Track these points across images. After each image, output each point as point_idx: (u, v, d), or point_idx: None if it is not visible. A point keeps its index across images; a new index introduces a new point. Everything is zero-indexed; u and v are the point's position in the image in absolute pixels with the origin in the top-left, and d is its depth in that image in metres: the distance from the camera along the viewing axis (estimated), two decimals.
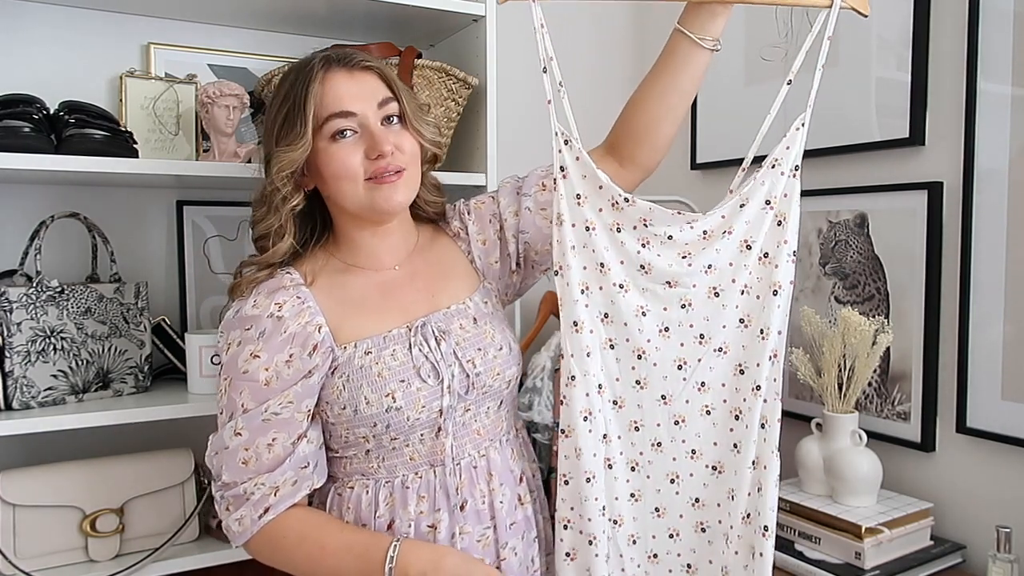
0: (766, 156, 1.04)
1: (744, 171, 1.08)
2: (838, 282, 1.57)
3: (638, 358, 1.04)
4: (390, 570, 0.98)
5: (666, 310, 1.04)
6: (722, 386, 1.05)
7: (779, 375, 1.04)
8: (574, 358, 1.03)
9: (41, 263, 1.33)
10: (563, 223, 1.03)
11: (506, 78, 1.62)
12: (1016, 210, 1.30)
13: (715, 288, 1.04)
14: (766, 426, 1.03)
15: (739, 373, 1.05)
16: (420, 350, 1.07)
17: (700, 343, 1.04)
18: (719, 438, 1.06)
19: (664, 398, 1.05)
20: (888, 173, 1.49)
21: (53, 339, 1.32)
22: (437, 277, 1.16)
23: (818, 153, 1.54)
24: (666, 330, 1.04)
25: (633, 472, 1.07)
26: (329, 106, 1.03)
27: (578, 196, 1.03)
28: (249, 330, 1.03)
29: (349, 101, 1.04)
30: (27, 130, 1.24)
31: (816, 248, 1.60)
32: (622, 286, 1.03)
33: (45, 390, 1.31)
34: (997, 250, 1.32)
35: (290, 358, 1.02)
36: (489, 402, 1.12)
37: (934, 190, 1.40)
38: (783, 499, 1.41)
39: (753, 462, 1.03)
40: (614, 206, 1.03)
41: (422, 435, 1.07)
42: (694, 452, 1.06)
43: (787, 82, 1.04)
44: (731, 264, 1.03)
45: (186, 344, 1.44)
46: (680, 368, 1.05)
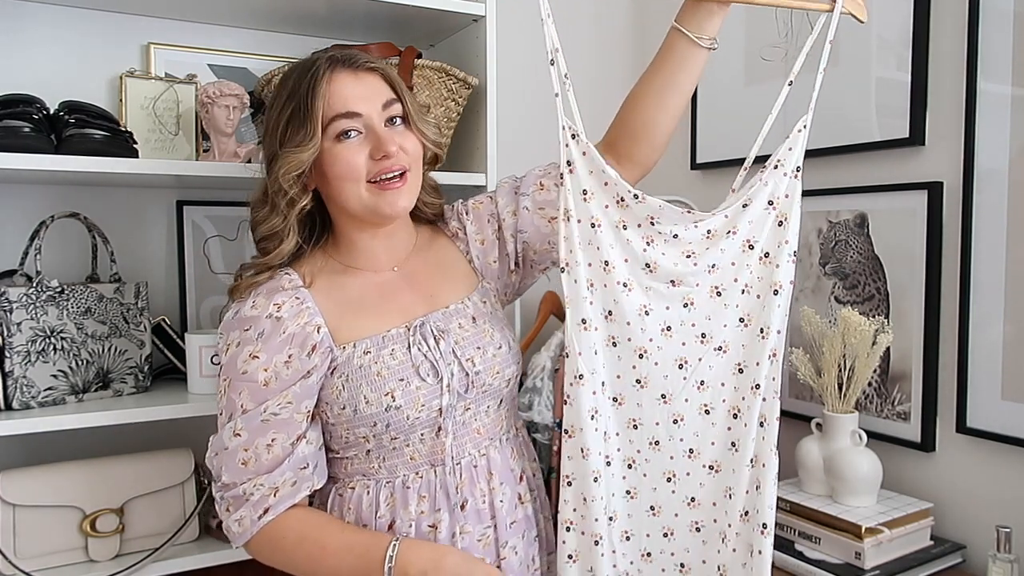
0: (767, 156, 1.05)
1: (746, 171, 1.08)
2: (838, 282, 1.57)
3: (639, 357, 1.03)
4: (390, 569, 0.98)
5: (668, 309, 1.03)
6: (721, 385, 1.05)
7: (778, 374, 1.04)
8: (582, 356, 1.00)
9: (41, 263, 1.33)
10: (570, 219, 1.00)
11: (506, 78, 1.62)
12: (1016, 210, 1.30)
13: (717, 287, 1.03)
14: (765, 424, 1.03)
15: (738, 372, 1.05)
16: (419, 349, 1.07)
17: (701, 342, 1.04)
18: (717, 437, 1.05)
19: (664, 397, 1.04)
20: (888, 173, 1.49)
21: (53, 339, 1.32)
22: (436, 277, 1.16)
23: (818, 153, 1.54)
24: (668, 329, 1.03)
25: (630, 469, 1.06)
26: (334, 107, 1.03)
27: (584, 192, 1.00)
28: (248, 331, 1.03)
29: (354, 102, 1.04)
30: (27, 130, 1.25)
31: (816, 248, 1.60)
32: (626, 284, 1.01)
33: (45, 390, 1.31)
34: (997, 250, 1.32)
35: (289, 359, 1.02)
36: (489, 401, 1.12)
37: (934, 190, 1.40)
38: (783, 499, 1.41)
39: (752, 460, 1.03)
40: (619, 203, 1.01)
41: (422, 434, 1.07)
42: (692, 451, 1.05)
43: (788, 83, 1.04)
44: (733, 264, 1.03)
45: (186, 344, 1.44)
46: (681, 367, 1.04)
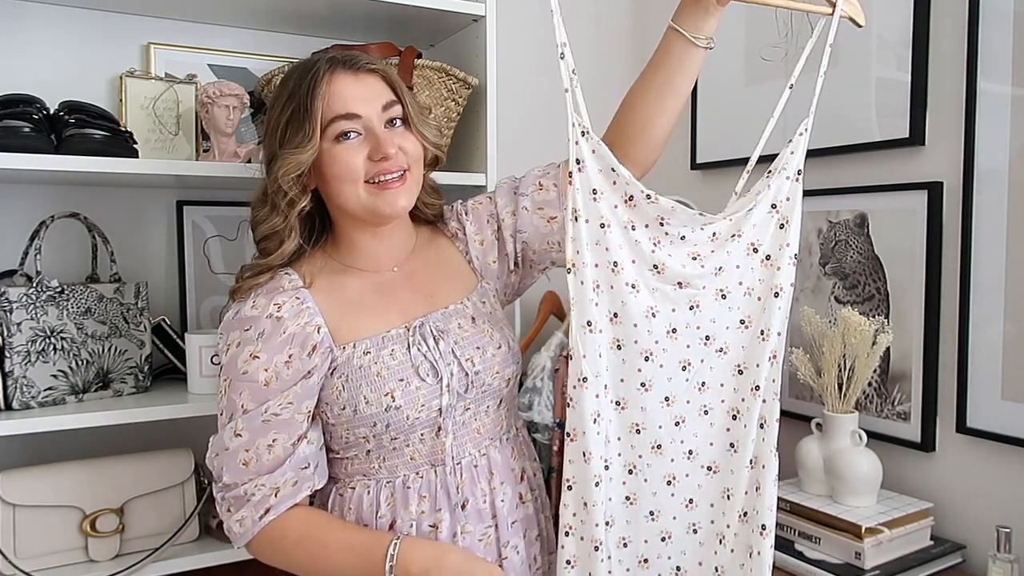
0: (769, 158, 1.05)
1: (748, 173, 1.08)
2: (838, 282, 1.57)
3: (645, 360, 1.01)
4: (391, 568, 0.98)
5: (674, 311, 1.02)
6: (720, 386, 1.04)
7: (778, 376, 1.04)
8: (586, 359, 0.98)
9: (41, 263, 1.33)
10: (578, 219, 0.97)
11: (506, 78, 1.62)
12: (1016, 210, 1.30)
13: (722, 290, 1.03)
14: (765, 426, 1.03)
15: (738, 373, 1.04)
16: (419, 349, 1.07)
17: (705, 344, 1.03)
18: (715, 438, 1.05)
19: (667, 399, 1.03)
20: (888, 173, 1.49)
21: (53, 339, 1.32)
22: (435, 278, 1.16)
23: (818, 153, 1.54)
24: (674, 331, 1.02)
25: (631, 475, 1.04)
26: (334, 108, 1.03)
27: (594, 191, 0.97)
28: (248, 331, 1.03)
29: (354, 103, 1.04)
30: (27, 130, 1.24)
31: (816, 248, 1.60)
32: (634, 286, 0.99)
33: (45, 390, 1.31)
34: (997, 250, 1.32)
35: (289, 359, 1.02)
36: (489, 401, 1.12)
37: (934, 190, 1.40)
38: (783, 499, 1.41)
39: (751, 461, 1.03)
40: (628, 202, 0.99)
41: (422, 434, 1.07)
42: (691, 452, 1.05)
43: (788, 87, 1.04)
44: (738, 266, 1.03)
45: (186, 344, 1.44)
46: (684, 369, 1.03)
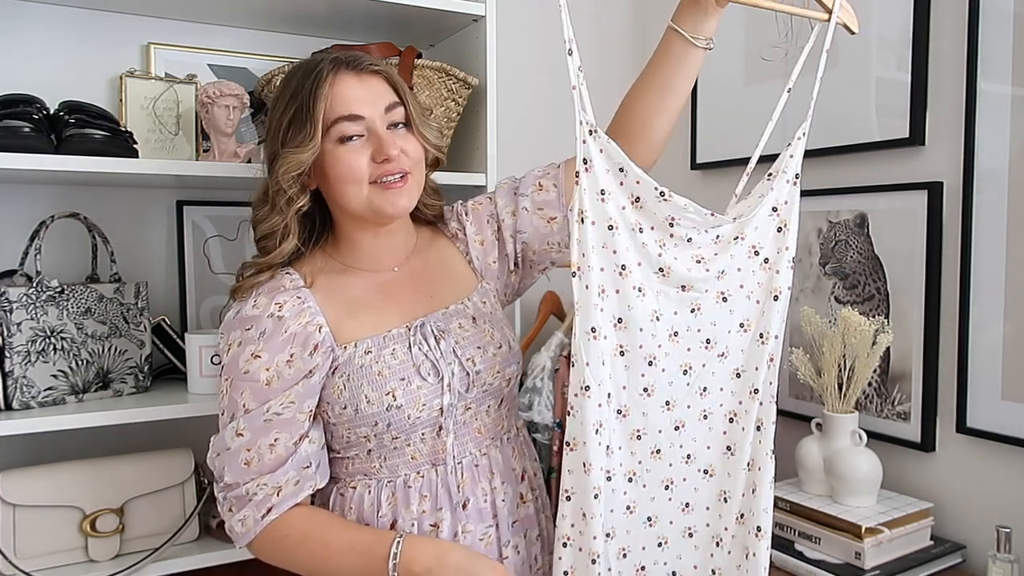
0: (768, 159, 1.04)
1: (748, 175, 1.08)
2: (838, 282, 1.57)
3: (648, 364, 0.99)
4: (394, 566, 0.98)
5: (676, 314, 1.00)
6: (720, 390, 1.03)
7: (775, 378, 1.04)
8: (589, 367, 0.94)
9: (41, 263, 1.33)
10: (584, 220, 0.93)
11: (506, 78, 1.62)
12: (1016, 210, 1.30)
13: (723, 293, 1.01)
14: (761, 428, 1.03)
15: (736, 377, 1.04)
16: (420, 349, 1.07)
17: (706, 348, 1.02)
18: (713, 441, 1.04)
19: (668, 404, 1.01)
20: (888, 173, 1.49)
21: (53, 339, 1.32)
22: (436, 278, 1.16)
23: (818, 153, 1.54)
24: (676, 335, 1.00)
25: (630, 483, 1.02)
26: (337, 109, 1.03)
27: (601, 192, 0.93)
28: (250, 330, 1.03)
29: (357, 105, 1.04)
30: (27, 130, 1.25)
31: (816, 248, 1.60)
32: (640, 289, 0.97)
33: (45, 390, 1.31)
34: (997, 250, 1.32)
35: (291, 358, 1.02)
36: (490, 400, 1.12)
37: (934, 190, 1.40)
38: (784, 499, 1.42)
39: (748, 464, 1.03)
40: (635, 203, 0.96)
41: (423, 434, 1.07)
42: (689, 457, 1.04)
43: (786, 90, 1.04)
44: (739, 269, 1.02)
45: (186, 344, 1.44)
46: (685, 373, 1.01)
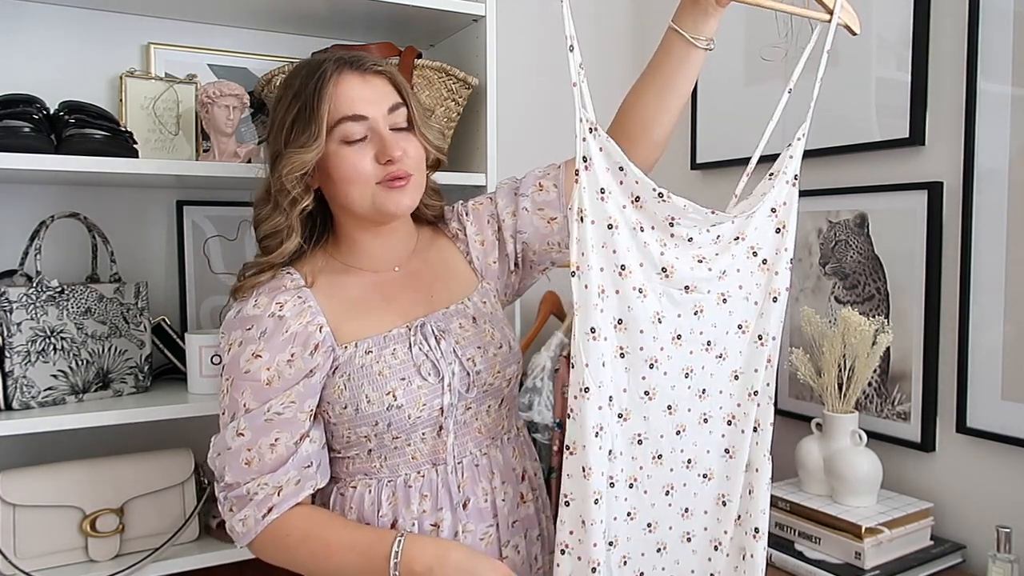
0: (769, 159, 1.04)
1: (748, 176, 1.08)
2: (838, 282, 1.57)
3: (650, 367, 0.96)
4: (395, 565, 0.98)
5: (679, 316, 0.97)
6: (719, 393, 1.02)
7: (772, 380, 1.04)
8: (589, 368, 0.92)
9: (41, 263, 1.33)
10: (584, 219, 0.91)
11: (506, 78, 1.62)
12: (1016, 210, 1.30)
13: (723, 294, 1.00)
14: (759, 429, 1.03)
15: (734, 379, 1.03)
16: (420, 348, 1.07)
17: (706, 350, 1.00)
18: (712, 445, 1.03)
19: (670, 408, 0.99)
20: (888, 173, 1.49)
21: (53, 339, 1.32)
22: (436, 278, 1.16)
23: (818, 153, 1.54)
24: (678, 338, 0.98)
25: (631, 489, 0.99)
26: (341, 109, 1.03)
27: (601, 191, 0.91)
28: (250, 330, 1.03)
29: (361, 105, 1.03)
30: (27, 130, 1.25)
31: (816, 248, 1.61)
32: (641, 290, 0.94)
33: (45, 390, 1.31)
34: (997, 250, 1.32)
35: (292, 357, 1.02)
36: (490, 400, 1.12)
37: (934, 190, 1.40)
38: (784, 499, 1.42)
39: (746, 465, 1.03)
40: (635, 202, 0.94)
41: (423, 434, 1.07)
42: (690, 462, 1.02)
43: (787, 91, 1.04)
44: (739, 270, 1.01)
45: (186, 344, 1.44)
46: (687, 376, 1.00)
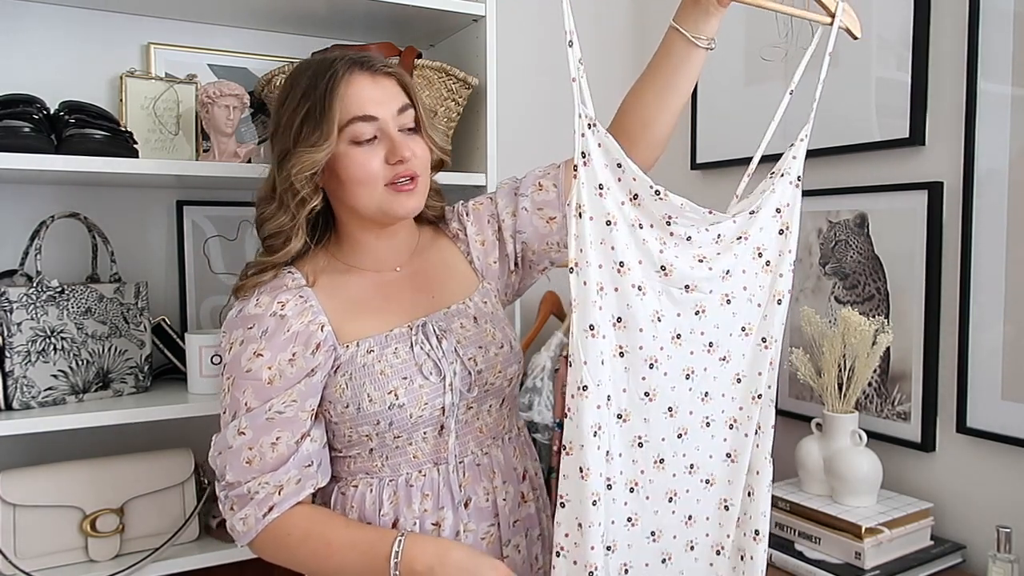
0: (770, 159, 1.04)
1: (749, 176, 1.08)
2: (838, 282, 1.57)
3: (650, 367, 0.94)
4: (396, 564, 0.98)
5: (680, 316, 0.95)
6: (722, 396, 1.01)
7: (774, 382, 1.03)
8: (587, 365, 0.89)
9: (41, 263, 1.33)
10: (582, 215, 0.89)
11: (506, 78, 1.62)
12: (1016, 210, 1.30)
13: (727, 295, 0.99)
14: (760, 432, 1.02)
15: (737, 382, 1.02)
16: (422, 348, 1.07)
17: (708, 351, 0.99)
18: (714, 450, 1.02)
19: (671, 410, 0.97)
20: (888, 173, 1.50)
21: (53, 339, 1.32)
22: (437, 278, 1.16)
23: (818, 153, 1.54)
24: (678, 337, 0.96)
25: (631, 494, 0.97)
26: (352, 109, 1.02)
27: (600, 187, 0.90)
28: (252, 329, 1.03)
29: (372, 106, 1.03)
30: (27, 130, 1.25)
31: (816, 248, 1.61)
32: (640, 288, 0.92)
33: (45, 390, 1.31)
34: (997, 250, 1.32)
35: (293, 357, 1.02)
36: (491, 400, 1.12)
37: (934, 190, 1.40)
38: (784, 499, 1.42)
39: (748, 469, 1.02)
40: (634, 199, 0.92)
41: (425, 433, 1.07)
42: (692, 467, 1.00)
43: (788, 92, 1.04)
44: (744, 271, 1.00)
45: (186, 344, 1.44)
46: (688, 378, 0.98)
